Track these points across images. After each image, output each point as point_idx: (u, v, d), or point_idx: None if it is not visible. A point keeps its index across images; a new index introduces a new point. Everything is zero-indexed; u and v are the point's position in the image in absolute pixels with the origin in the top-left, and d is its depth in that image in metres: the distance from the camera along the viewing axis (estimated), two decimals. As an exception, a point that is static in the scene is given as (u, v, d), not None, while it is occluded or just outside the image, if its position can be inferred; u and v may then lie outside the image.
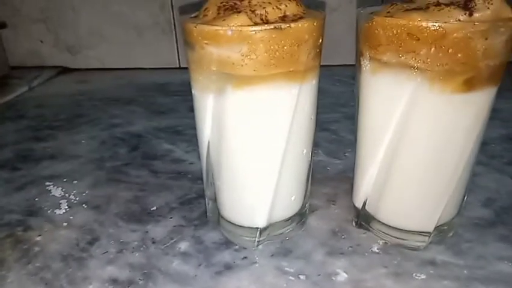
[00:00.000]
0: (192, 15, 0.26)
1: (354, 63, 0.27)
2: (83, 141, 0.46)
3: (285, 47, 0.22)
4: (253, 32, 0.21)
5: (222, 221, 0.29)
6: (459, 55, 0.21)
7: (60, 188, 0.37)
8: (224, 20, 0.22)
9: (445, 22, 0.20)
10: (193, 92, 0.26)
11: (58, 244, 0.30)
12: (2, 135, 0.48)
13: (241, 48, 0.21)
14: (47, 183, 0.38)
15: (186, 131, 0.48)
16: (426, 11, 0.21)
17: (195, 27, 0.22)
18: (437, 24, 0.20)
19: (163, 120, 0.52)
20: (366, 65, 0.25)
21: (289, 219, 0.29)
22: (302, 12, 0.24)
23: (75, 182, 0.38)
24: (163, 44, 0.73)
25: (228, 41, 0.21)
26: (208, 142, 0.26)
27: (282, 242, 0.29)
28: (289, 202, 0.28)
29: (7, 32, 0.72)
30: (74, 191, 0.36)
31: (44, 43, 0.75)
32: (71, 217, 0.33)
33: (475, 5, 0.21)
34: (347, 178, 0.35)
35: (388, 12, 0.23)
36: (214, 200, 0.30)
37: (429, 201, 0.26)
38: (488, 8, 0.21)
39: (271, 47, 0.22)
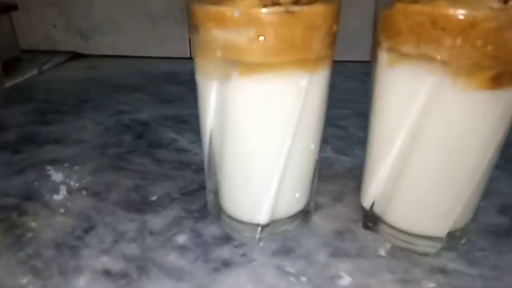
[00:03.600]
0: None
1: (366, 59, 0.25)
2: (88, 127, 0.46)
3: (297, 33, 0.20)
4: (263, 15, 0.20)
5: (223, 214, 0.28)
6: (489, 48, 0.19)
7: (61, 173, 0.36)
8: (232, 0, 0.20)
9: (475, 10, 0.19)
10: (196, 78, 0.24)
11: (53, 231, 0.29)
12: (7, 117, 0.48)
13: (249, 32, 0.20)
14: (48, 168, 0.37)
15: (192, 121, 0.47)
16: (456, -3, 0.20)
17: (200, 8, 0.21)
18: (465, 13, 0.19)
19: (170, 109, 0.51)
20: (383, 56, 0.23)
21: (293, 217, 0.28)
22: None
23: (76, 167, 0.37)
24: (175, 33, 0.72)
25: (235, 23, 0.20)
26: (211, 132, 0.25)
27: (284, 239, 0.28)
28: (293, 199, 0.27)
29: (20, 15, 0.71)
30: (75, 177, 0.35)
31: (56, 28, 0.75)
32: (69, 203, 0.32)
33: (509, -6, 0.19)
34: (354, 176, 0.34)
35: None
36: (216, 192, 0.28)
37: (444, 205, 0.25)
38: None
39: (282, 32, 0.20)
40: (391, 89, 0.23)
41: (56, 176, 0.36)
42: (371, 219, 0.28)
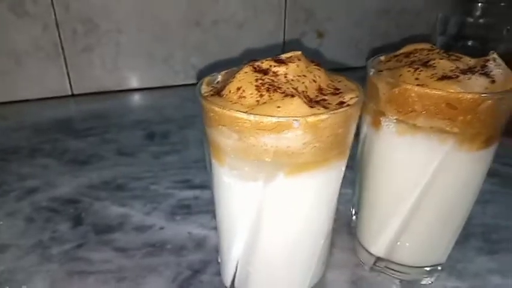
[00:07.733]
0: (208, 91, 0.22)
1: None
2: (0, 223, 0.36)
3: (344, 128, 0.21)
4: (322, 121, 0.19)
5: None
6: (488, 119, 0.23)
7: (6, 304, 0.28)
8: (279, 106, 0.19)
9: (479, 93, 0.22)
10: (226, 179, 0.22)
11: None
12: None
13: (305, 138, 0.19)
14: (-19, 301, 0.28)
15: (130, 185, 0.41)
16: (459, 80, 0.23)
17: (249, 117, 0.19)
18: (475, 95, 0.22)
19: (92, 174, 0.43)
20: (389, 125, 0.25)
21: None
22: (331, 81, 0.23)
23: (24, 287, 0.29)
24: (50, 70, 0.61)
25: (292, 131, 0.19)
26: (248, 231, 0.23)
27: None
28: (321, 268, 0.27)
29: None
30: (30, 304, 0.28)
31: None
32: None
33: (491, 71, 0.23)
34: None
35: (416, 78, 0.24)
36: (233, 280, 0.26)
37: (444, 239, 0.29)
38: (501, 73, 0.24)
39: (334, 132, 0.20)
40: (398, 155, 0.26)
41: (1, 310, 0.27)
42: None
